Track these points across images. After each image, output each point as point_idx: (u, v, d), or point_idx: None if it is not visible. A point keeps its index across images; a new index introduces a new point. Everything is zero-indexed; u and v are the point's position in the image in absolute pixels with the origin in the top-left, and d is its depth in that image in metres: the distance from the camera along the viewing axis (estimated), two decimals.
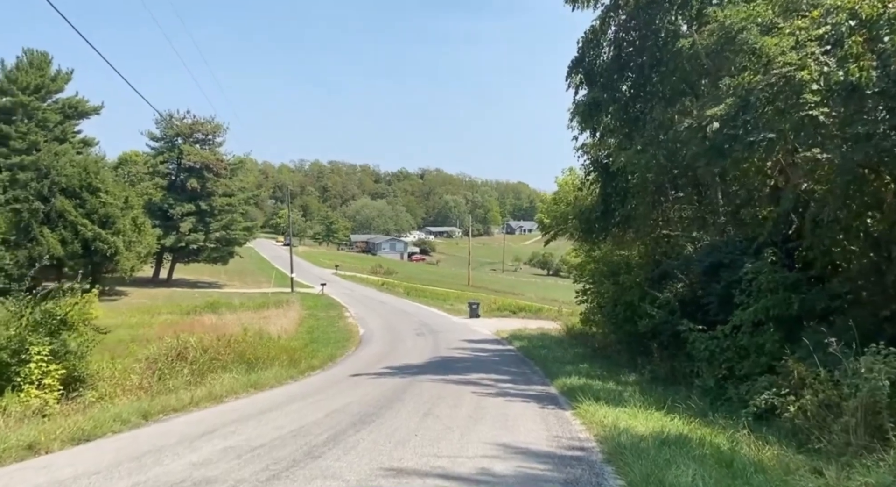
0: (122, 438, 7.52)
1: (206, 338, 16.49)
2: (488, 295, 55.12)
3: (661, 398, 11.21)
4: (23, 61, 48.46)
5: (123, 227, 43.76)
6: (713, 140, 9.89)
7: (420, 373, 15.11)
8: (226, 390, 11.83)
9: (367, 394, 11.34)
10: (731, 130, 9.68)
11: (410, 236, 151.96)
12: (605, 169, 17.56)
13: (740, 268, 12.35)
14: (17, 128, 46.42)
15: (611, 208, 17.53)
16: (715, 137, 9.83)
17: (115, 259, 43.27)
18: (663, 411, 9.50)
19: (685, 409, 10.13)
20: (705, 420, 9.19)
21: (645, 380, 14.54)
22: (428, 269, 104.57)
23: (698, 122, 10.21)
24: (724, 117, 9.76)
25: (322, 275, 64.56)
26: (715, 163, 10.47)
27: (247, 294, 48.89)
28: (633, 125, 15.89)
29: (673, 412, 9.57)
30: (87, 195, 42.12)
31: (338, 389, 12.60)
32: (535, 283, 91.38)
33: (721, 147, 10.04)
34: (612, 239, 19.26)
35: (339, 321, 33.39)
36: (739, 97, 9.75)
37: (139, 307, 40.88)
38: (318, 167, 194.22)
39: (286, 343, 21.31)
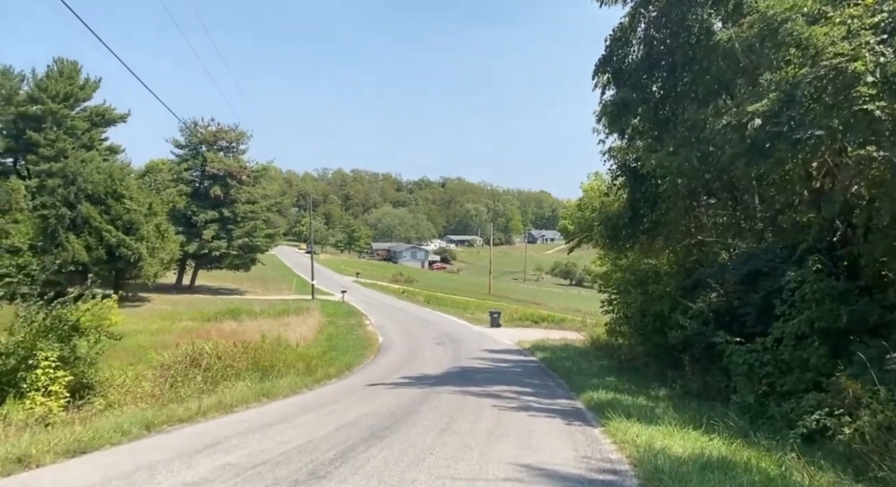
0: (120, 451, 7.03)
1: (221, 345, 16.09)
2: (510, 304, 54.49)
3: (696, 415, 10.45)
4: (53, 70, 49.24)
5: (147, 233, 44.00)
6: (754, 138, 9.16)
7: (439, 384, 14.54)
8: (236, 399, 11.34)
9: (383, 406, 10.76)
10: (774, 127, 8.94)
11: (431, 244, 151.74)
12: (633, 173, 16.82)
13: (781, 277, 11.56)
14: (46, 135, 47.08)
15: (639, 214, 16.76)
16: (756, 135, 9.10)
17: (139, 265, 43.50)
18: (700, 429, 8.74)
19: (723, 428, 9.35)
20: (747, 441, 8.41)
21: (676, 395, 13.78)
22: (449, 277, 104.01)
23: (738, 119, 9.49)
24: (766, 114, 9.04)
25: (343, 282, 64.44)
26: (755, 163, 9.71)
27: (268, 301, 48.88)
28: (663, 127, 15.16)
29: (711, 431, 8.81)
30: (112, 202, 42.45)
31: (353, 399, 12.04)
32: (557, 293, 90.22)
33: (762, 146, 9.30)
34: (640, 247, 18.45)
35: (358, 328, 33.13)
36: (783, 92, 9.03)
37: (161, 313, 40.97)
38: (340, 176, 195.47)
39: (303, 351, 20.96)
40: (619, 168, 17.46)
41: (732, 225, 14.44)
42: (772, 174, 11.14)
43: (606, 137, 16.84)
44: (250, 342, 18.55)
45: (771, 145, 9.11)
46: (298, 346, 22.81)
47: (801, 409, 9.15)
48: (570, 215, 24.25)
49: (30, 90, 47.94)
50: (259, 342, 18.08)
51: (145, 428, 8.24)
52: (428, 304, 52.65)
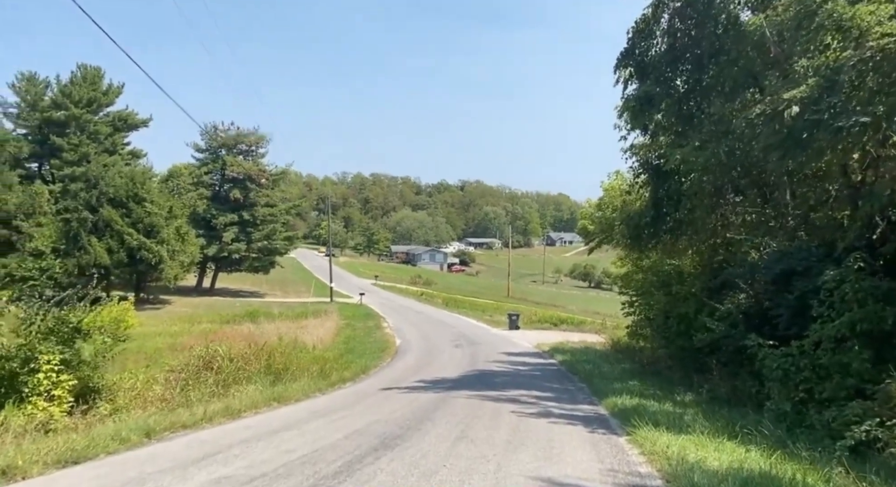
0: (113, 462, 6.57)
1: (234, 348, 15.70)
2: (528, 307, 53.91)
3: (728, 423, 9.74)
4: (77, 76, 49.73)
5: (167, 236, 44.16)
6: (791, 127, 8.47)
7: (455, 388, 13.97)
8: (245, 404, 10.88)
9: (396, 411, 10.21)
10: (813, 115, 8.25)
11: (450, 247, 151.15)
12: (656, 171, 16.12)
13: (817, 276, 10.79)
14: (70, 140, 47.50)
15: (662, 213, 16.04)
16: (793, 123, 8.41)
17: (159, 268, 43.64)
18: (735, 440, 8.05)
19: (759, 437, 8.67)
20: (787, 452, 7.71)
21: (704, 400, 13.03)
22: (467, 280, 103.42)
23: (772, 108, 8.80)
24: (805, 101, 8.35)
25: (361, 285, 64.16)
26: (791, 155, 9.01)
27: (286, 304, 48.85)
28: (687, 122, 14.50)
29: (746, 442, 8.13)
30: (133, 205, 42.66)
31: (365, 404, 11.51)
32: (576, 295, 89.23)
33: (800, 136, 8.61)
34: (663, 247, 17.71)
35: (376, 331, 32.75)
36: (823, 77, 8.34)
37: (181, 316, 41.03)
38: (360, 179, 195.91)
39: (319, 354, 20.60)
40: (642, 166, 16.75)
41: (762, 223, 13.67)
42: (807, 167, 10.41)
43: (628, 134, 16.20)
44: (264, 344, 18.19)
45: (809, 135, 8.41)
46: (315, 349, 22.50)
47: (845, 418, 8.42)
48: (589, 214, 23.55)
49: (54, 96, 48.44)
50: (274, 345, 17.69)
51: (145, 435, 7.79)
52: (446, 306, 52.13)
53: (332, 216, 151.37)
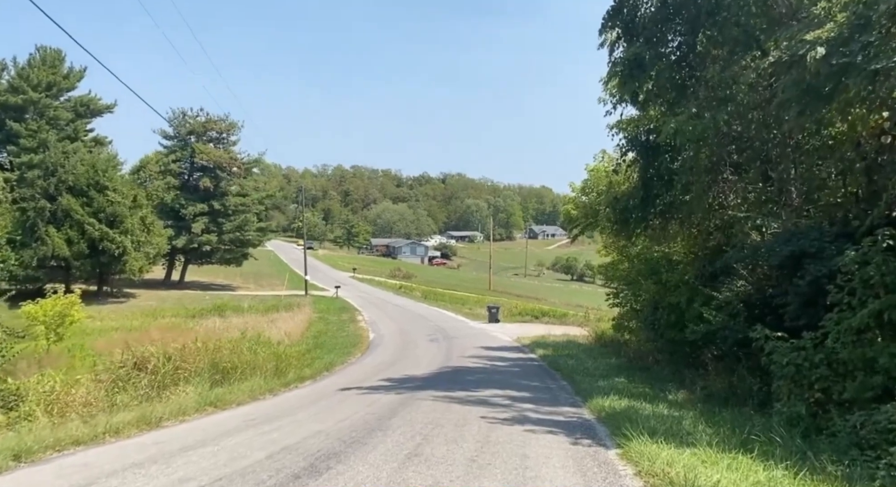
0: None
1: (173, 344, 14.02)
2: (510, 300, 52.86)
3: (732, 428, 8.35)
4: (35, 58, 47.16)
5: (131, 226, 41.96)
6: (815, 74, 6.99)
7: (422, 388, 12.49)
8: (171, 410, 9.24)
9: (345, 419, 8.64)
10: (842, 57, 6.78)
11: (432, 240, 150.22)
12: (645, 147, 14.74)
13: (831, 258, 9.42)
14: (28, 126, 45.00)
15: (652, 195, 14.69)
16: (818, 69, 6.93)
17: (123, 260, 41.45)
18: (751, 454, 6.59)
19: (772, 446, 7.27)
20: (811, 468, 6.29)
21: (699, 399, 11.78)
22: (448, 273, 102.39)
23: (791, 53, 7.32)
24: (832, 42, 6.87)
25: (339, 278, 62.47)
26: (813, 108, 7.56)
27: (258, 297, 47.06)
28: (681, 91, 13.04)
29: (762, 454, 6.69)
30: (95, 194, 40.39)
31: (314, 410, 9.95)
32: (558, 288, 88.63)
33: (824, 85, 7.14)
34: (652, 232, 16.36)
35: (349, 325, 31.47)
36: (854, 14, 6.86)
37: (145, 310, 39.08)
38: (340, 172, 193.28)
39: (280, 350, 18.98)
40: (630, 142, 15.32)
41: (764, 202, 12.28)
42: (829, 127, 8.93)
43: (615, 107, 14.70)
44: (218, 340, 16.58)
45: (836, 83, 6.95)
46: (280, 344, 21.02)
47: (878, 425, 7.02)
48: (573, 199, 22.13)
49: (11, 79, 45.84)
50: (225, 341, 16.06)
51: (13, 458, 6.13)
52: (425, 299, 50.82)
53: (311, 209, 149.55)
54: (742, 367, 11.99)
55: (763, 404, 10.50)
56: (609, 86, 14.18)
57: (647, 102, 13.65)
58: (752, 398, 10.93)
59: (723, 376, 12.46)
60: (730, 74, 11.78)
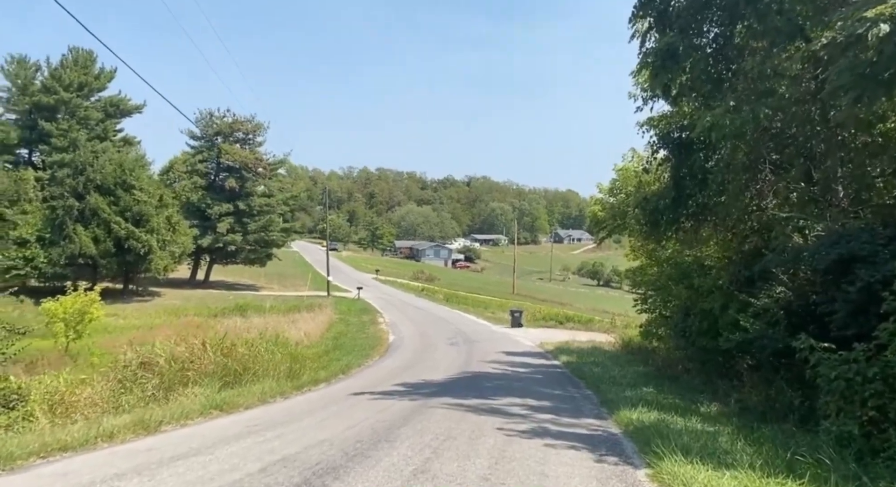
0: None
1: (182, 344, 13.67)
2: (534, 304, 52.19)
3: (774, 447, 7.60)
4: (68, 59, 47.90)
5: (157, 225, 42.32)
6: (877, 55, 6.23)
7: (437, 394, 11.92)
8: (173, 413, 8.79)
9: (352, 427, 8.09)
10: None
11: (455, 243, 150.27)
12: (678, 145, 13.94)
13: (887, 263, 8.59)
14: (59, 126, 45.68)
15: (684, 195, 13.90)
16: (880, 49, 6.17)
17: (148, 258, 41.79)
18: (801, 481, 5.85)
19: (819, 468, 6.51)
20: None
21: (733, 412, 10.99)
22: (471, 276, 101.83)
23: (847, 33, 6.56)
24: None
25: (362, 279, 62.48)
26: (871, 93, 6.78)
27: (281, 297, 47.19)
28: (717, 84, 12.25)
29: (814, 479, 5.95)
30: (121, 193, 40.79)
31: (322, 415, 9.43)
32: (584, 293, 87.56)
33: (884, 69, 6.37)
34: (684, 235, 15.60)
35: (370, 326, 31.18)
36: None
37: (169, 308, 39.32)
38: (365, 174, 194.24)
39: (297, 351, 18.75)
40: (661, 139, 14.50)
41: (807, 202, 11.42)
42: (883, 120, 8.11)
43: (646, 102, 14.02)
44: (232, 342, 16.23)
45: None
46: (298, 345, 20.87)
47: None
48: (600, 200, 21.36)
49: (44, 80, 46.61)
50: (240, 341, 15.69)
51: None
52: (447, 302, 50.36)
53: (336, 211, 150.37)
54: (780, 379, 11.20)
55: (805, 419, 9.70)
56: (639, 79, 13.48)
57: (680, 96, 12.87)
58: (793, 414, 10.13)
59: (759, 388, 11.68)
60: (770, 66, 10.99)
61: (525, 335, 29.01)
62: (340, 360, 18.89)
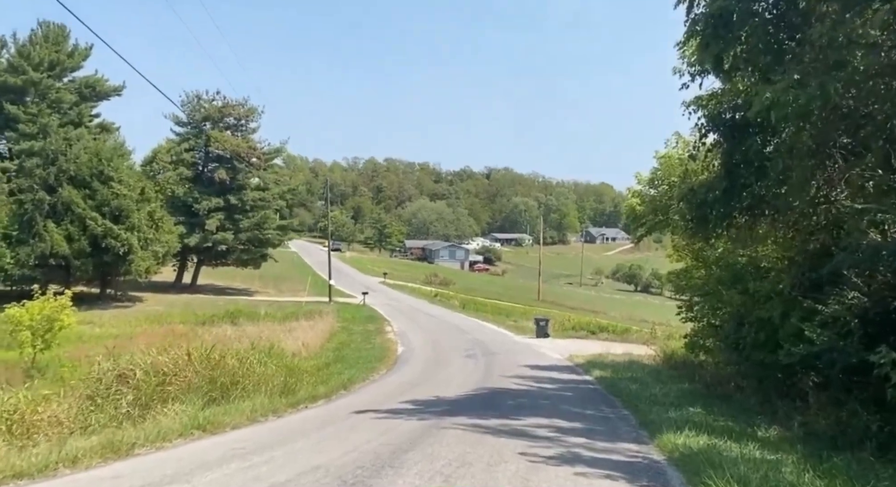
0: None
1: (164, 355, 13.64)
2: (562, 312, 52.43)
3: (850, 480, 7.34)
4: (37, 35, 48.35)
5: (138, 222, 42.61)
6: None
7: (451, 413, 11.89)
8: (149, 434, 8.75)
9: (352, 451, 7.96)
10: None
11: (473, 242, 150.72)
12: (731, 127, 13.65)
13: None
14: (27, 110, 46.10)
15: (737, 185, 13.58)
16: None
17: (128, 259, 42.06)
18: None
19: None
20: None
21: (797, 438, 10.73)
22: (491, 280, 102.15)
23: None
24: None
25: (367, 283, 62.76)
26: None
27: (277, 303, 47.59)
28: (778, 57, 11.92)
29: None
30: (98, 185, 41.11)
31: (318, 437, 9.37)
32: (619, 300, 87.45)
33: None
34: (736, 232, 15.29)
35: (376, 336, 31.58)
36: None
37: (151, 315, 39.65)
38: (372, 165, 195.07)
39: (293, 363, 18.75)
40: (711, 121, 14.19)
41: (886, 192, 11.05)
42: None
43: (693, 78, 13.67)
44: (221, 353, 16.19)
45: None
46: (295, 356, 20.97)
47: None
48: (638, 192, 21.10)
49: (10, 58, 47.13)
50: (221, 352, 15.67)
51: None
52: (463, 309, 50.69)
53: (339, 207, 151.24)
54: (854, 399, 10.90)
55: (886, 447, 9.43)
56: (686, 51, 13.20)
57: (733, 69, 12.54)
58: (870, 440, 9.84)
59: (828, 410, 11.37)
60: (843, 33, 10.65)
61: (552, 347, 29.17)
62: (342, 374, 19.08)
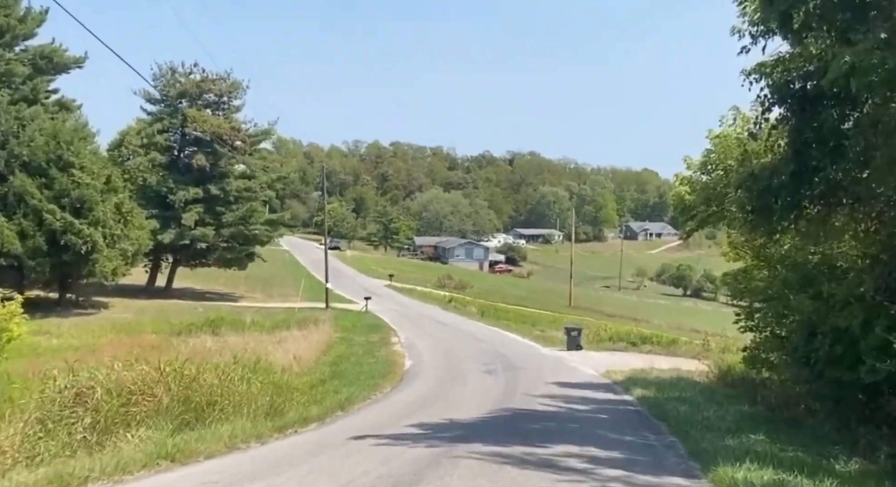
0: None
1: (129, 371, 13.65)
2: (598, 320, 52.76)
3: None
4: None
5: (104, 215, 42.73)
6: None
7: (466, 439, 11.98)
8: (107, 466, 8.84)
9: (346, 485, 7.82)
10: None
11: (494, 239, 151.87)
12: (800, 99, 13.49)
13: None
14: None
15: (809, 167, 13.49)
16: None
17: (92, 259, 42.21)
18: None
19: None
20: None
21: (883, 472, 10.82)
22: (515, 283, 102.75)
23: None
24: None
25: (371, 287, 63.22)
26: None
27: (266, 310, 47.95)
28: (859, 11, 11.70)
29: None
30: (56, 173, 41.26)
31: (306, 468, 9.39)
32: (665, 306, 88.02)
33: None
34: (807, 224, 15.18)
35: (380, 348, 32.02)
36: None
37: (118, 324, 39.90)
38: (376, 150, 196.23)
39: (282, 380, 18.86)
40: (776, 91, 14.01)
41: None
42: None
43: (755, 40, 13.49)
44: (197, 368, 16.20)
45: None
46: (286, 372, 21.21)
47: None
48: (688, 179, 20.91)
49: None
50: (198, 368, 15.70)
51: None
52: (483, 317, 51.13)
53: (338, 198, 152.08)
54: None
55: None
56: (747, 8, 12.94)
57: (804, 29, 12.32)
58: None
59: None
60: None
61: (585, 361, 29.39)
62: (339, 392, 19.29)
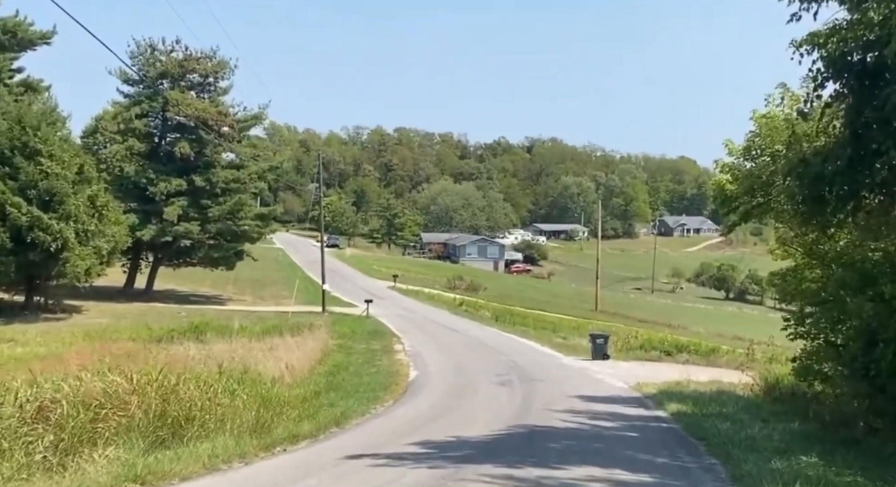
0: None
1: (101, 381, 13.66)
2: (627, 326, 52.96)
3: None
4: None
5: (75, 209, 42.88)
6: None
7: (475, 459, 12.01)
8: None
9: None
10: None
11: (510, 236, 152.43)
12: (859, 74, 13.34)
13: None
14: None
15: (869, 152, 13.34)
16: None
17: (63, 257, 42.39)
18: None
19: None
20: None
21: None
22: (534, 285, 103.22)
23: None
24: None
25: (372, 289, 63.51)
26: None
27: (256, 314, 48.24)
28: None
29: None
30: (22, 161, 41.41)
31: None
32: (704, 310, 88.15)
33: None
34: (866, 217, 15.10)
35: (381, 356, 32.22)
36: None
37: (92, 329, 40.06)
38: (379, 137, 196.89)
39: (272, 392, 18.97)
40: (831, 65, 13.86)
41: None
42: None
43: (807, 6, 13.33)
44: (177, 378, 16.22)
45: None
46: (276, 383, 21.28)
47: None
48: (730, 166, 20.69)
49: None
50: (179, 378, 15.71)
51: None
52: (497, 322, 51.07)
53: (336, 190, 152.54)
54: None
55: None
56: None
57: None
58: None
59: None
60: None
61: (613, 372, 29.34)
62: (335, 406, 19.42)
